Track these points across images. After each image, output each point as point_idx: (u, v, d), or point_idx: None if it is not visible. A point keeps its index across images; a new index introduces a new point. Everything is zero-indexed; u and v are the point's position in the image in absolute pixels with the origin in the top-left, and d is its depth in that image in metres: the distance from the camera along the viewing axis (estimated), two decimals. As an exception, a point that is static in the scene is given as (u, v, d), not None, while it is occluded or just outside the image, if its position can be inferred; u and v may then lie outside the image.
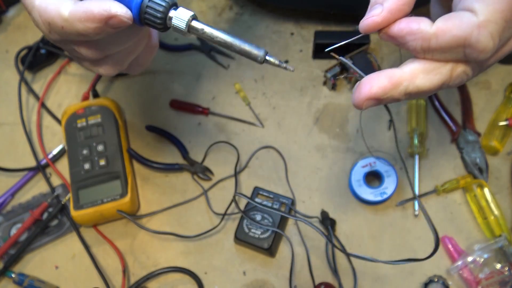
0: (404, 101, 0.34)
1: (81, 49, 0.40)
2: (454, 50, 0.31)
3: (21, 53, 0.75)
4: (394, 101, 0.34)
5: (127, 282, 0.62)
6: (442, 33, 0.31)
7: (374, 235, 0.62)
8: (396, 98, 0.33)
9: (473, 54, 0.31)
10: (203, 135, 0.70)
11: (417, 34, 0.31)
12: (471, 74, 0.33)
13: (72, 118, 0.67)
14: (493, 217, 0.60)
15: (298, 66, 0.73)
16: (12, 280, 0.62)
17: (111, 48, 0.40)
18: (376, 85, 0.33)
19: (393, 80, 0.32)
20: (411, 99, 0.34)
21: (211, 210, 0.65)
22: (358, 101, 0.34)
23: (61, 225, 0.66)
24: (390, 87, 0.32)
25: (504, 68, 0.70)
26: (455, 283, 0.59)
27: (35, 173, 0.69)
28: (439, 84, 0.33)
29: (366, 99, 0.33)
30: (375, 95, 0.33)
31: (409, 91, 0.32)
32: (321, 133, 0.69)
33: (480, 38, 0.30)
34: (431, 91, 0.33)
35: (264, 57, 0.37)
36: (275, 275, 0.62)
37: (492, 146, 0.64)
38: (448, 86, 0.33)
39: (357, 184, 0.63)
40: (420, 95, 0.34)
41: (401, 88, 0.32)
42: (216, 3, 0.79)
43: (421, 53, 0.32)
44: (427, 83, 0.32)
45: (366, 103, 0.33)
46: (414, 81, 0.32)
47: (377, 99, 0.33)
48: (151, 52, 0.48)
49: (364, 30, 0.34)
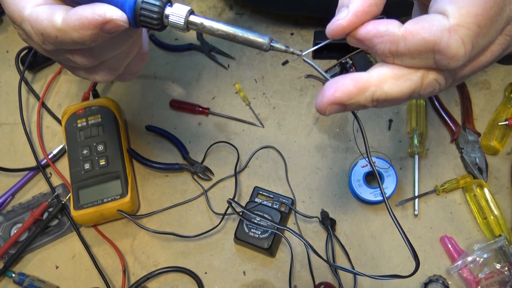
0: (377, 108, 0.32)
1: (76, 58, 0.38)
2: (423, 55, 0.29)
3: (22, 53, 0.75)
4: (361, 108, 0.31)
5: (127, 282, 0.62)
6: (411, 35, 0.28)
7: (374, 235, 0.63)
8: (362, 104, 0.30)
9: (443, 61, 0.28)
10: (203, 135, 0.70)
11: (384, 36, 0.29)
12: (443, 83, 0.31)
13: (72, 118, 0.67)
14: (493, 217, 0.60)
15: (298, 66, 0.73)
16: (12, 279, 0.62)
17: (106, 53, 0.39)
18: (341, 89, 0.30)
19: (359, 84, 0.30)
20: (379, 107, 0.31)
21: (211, 210, 0.65)
22: (321, 106, 0.31)
23: (61, 225, 0.66)
24: (356, 92, 0.30)
25: (504, 68, 0.70)
26: (455, 283, 0.59)
27: (35, 173, 0.69)
28: (409, 91, 0.30)
29: (329, 103, 0.30)
30: (339, 100, 0.30)
31: (376, 97, 0.30)
32: (321, 133, 0.69)
33: (451, 43, 0.28)
34: (400, 99, 0.30)
35: (270, 44, 0.35)
36: (275, 275, 0.62)
37: (492, 146, 0.64)
38: (419, 95, 0.31)
39: (357, 184, 0.63)
40: (388, 103, 0.31)
41: (367, 94, 0.30)
42: (216, 3, 0.79)
43: (390, 57, 0.30)
44: (396, 89, 0.30)
45: (329, 108, 0.31)
46: (382, 86, 0.30)
47: (341, 104, 0.30)
48: (142, 60, 0.46)
49: (331, 35, 0.32)
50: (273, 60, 0.74)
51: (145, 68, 0.75)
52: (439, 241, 0.62)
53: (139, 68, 0.47)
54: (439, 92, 0.32)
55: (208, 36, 0.76)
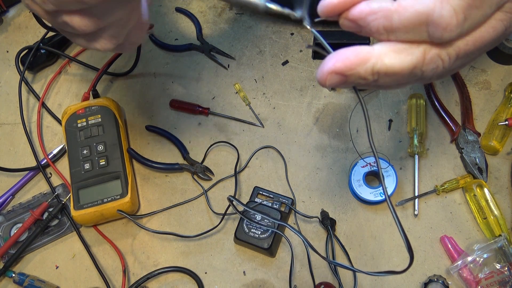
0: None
1: (75, 20, 0.38)
2: (417, 28, 0.29)
3: (22, 53, 0.75)
4: (362, 82, 0.31)
5: (127, 282, 0.62)
6: (404, 9, 0.29)
7: (374, 235, 0.63)
8: (362, 76, 0.30)
9: (436, 33, 0.29)
10: (203, 135, 0.70)
11: (378, 13, 0.29)
12: (447, 59, 0.30)
13: (72, 118, 0.67)
14: (493, 217, 0.60)
15: (298, 66, 0.73)
16: (13, 279, 0.62)
17: (106, 17, 0.39)
18: (341, 59, 0.30)
19: (360, 55, 0.30)
20: (381, 83, 0.32)
21: (211, 210, 0.65)
22: (321, 76, 0.31)
23: (61, 225, 0.66)
24: (357, 62, 0.30)
25: (504, 68, 0.70)
26: (454, 283, 0.59)
27: (35, 173, 0.69)
28: (411, 66, 0.30)
29: (329, 72, 0.30)
30: (339, 69, 0.30)
31: (377, 69, 0.30)
32: (321, 133, 0.69)
33: (443, 13, 0.28)
34: (402, 74, 0.30)
35: (265, 5, 0.33)
36: (275, 275, 0.62)
37: (492, 146, 0.64)
38: (421, 72, 0.30)
39: (357, 184, 0.63)
40: (390, 78, 0.31)
41: (368, 65, 0.30)
42: (216, 3, 0.79)
43: (385, 34, 0.30)
44: (396, 62, 0.30)
45: (329, 78, 0.31)
46: (383, 58, 0.30)
47: (341, 74, 0.30)
48: (142, 29, 0.46)
49: (322, 12, 0.32)
50: (273, 60, 0.74)
51: (145, 68, 0.75)
52: (439, 241, 0.62)
53: (139, 38, 0.47)
54: (444, 71, 0.31)
55: (208, 36, 0.76)
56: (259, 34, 0.76)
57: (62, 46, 0.77)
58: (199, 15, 0.78)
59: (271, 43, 0.75)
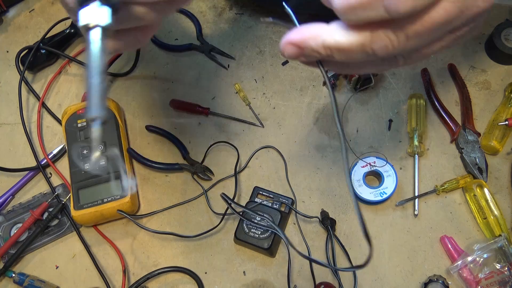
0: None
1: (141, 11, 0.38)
2: (373, 4, 0.30)
3: (22, 53, 0.75)
4: (316, 55, 0.34)
5: (127, 282, 0.62)
6: None
7: (374, 235, 0.63)
8: (315, 49, 0.33)
9: (392, 5, 0.30)
10: (203, 135, 0.70)
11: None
12: (395, 39, 0.32)
13: (72, 118, 0.67)
14: (493, 217, 0.60)
15: (298, 66, 0.73)
16: (13, 279, 0.62)
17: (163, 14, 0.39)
18: (298, 32, 0.34)
19: (313, 30, 0.34)
20: (337, 59, 0.34)
21: (211, 210, 0.65)
22: (281, 45, 0.35)
23: (62, 225, 0.66)
24: (309, 35, 0.33)
25: (504, 68, 0.70)
26: (454, 283, 0.59)
27: (35, 173, 0.69)
28: (359, 43, 0.32)
29: (287, 43, 0.34)
30: (294, 41, 0.34)
31: (327, 44, 0.33)
32: (321, 133, 0.69)
33: None
34: (351, 51, 0.33)
35: None
36: (275, 275, 0.62)
37: (492, 146, 0.64)
38: (372, 51, 0.33)
39: (357, 184, 0.63)
40: (344, 55, 0.33)
41: (319, 39, 0.33)
42: (216, 3, 0.79)
43: (344, 11, 0.32)
44: (345, 39, 0.32)
45: (287, 48, 0.34)
46: (333, 34, 0.33)
47: (297, 46, 0.34)
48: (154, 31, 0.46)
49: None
50: (273, 60, 0.74)
51: (145, 68, 0.75)
52: (439, 241, 0.62)
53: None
54: (396, 51, 0.33)
55: (208, 36, 0.76)
56: (259, 34, 0.76)
57: (62, 46, 0.77)
58: (199, 15, 0.78)
59: (271, 43, 0.75)
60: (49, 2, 0.82)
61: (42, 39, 0.75)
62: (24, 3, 0.83)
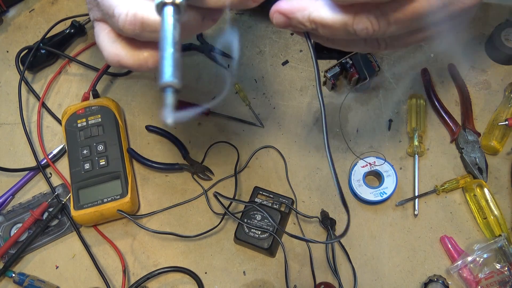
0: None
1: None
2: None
3: (22, 53, 0.75)
4: (302, 27, 0.36)
5: (127, 282, 0.62)
6: None
7: (374, 235, 0.63)
8: (301, 21, 0.36)
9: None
10: (203, 135, 0.70)
11: None
12: (376, 23, 0.34)
13: (72, 118, 0.67)
14: (493, 217, 0.60)
15: (298, 66, 0.73)
16: (13, 279, 0.62)
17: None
18: (288, 2, 0.36)
19: (301, 3, 0.36)
20: (323, 35, 0.37)
21: (211, 210, 0.65)
22: (270, 12, 0.37)
23: (61, 225, 0.66)
24: (297, 7, 0.36)
25: (504, 68, 0.70)
26: (454, 283, 0.59)
27: (35, 173, 0.69)
28: (342, 22, 0.34)
29: (275, 11, 0.37)
30: (283, 10, 0.36)
31: (312, 18, 0.35)
32: (321, 133, 0.68)
33: None
34: (334, 28, 0.35)
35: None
36: (275, 275, 0.62)
37: (492, 146, 0.64)
38: (354, 31, 0.34)
39: (357, 184, 0.63)
40: (328, 31, 0.35)
41: (305, 13, 0.35)
42: (216, 3, 0.79)
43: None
44: (329, 16, 0.34)
45: (276, 16, 0.37)
46: (319, 10, 0.35)
47: (284, 15, 0.36)
48: None
49: None
50: (273, 60, 0.74)
51: (145, 68, 0.75)
52: (439, 241, 0.62)
53: None
54: (376, 34, 0.35)
55: (208, 36, 0.76)
56: (259, 34, 0.76)
57: (62, 46, 0.77)
58: (199, 15, 0.78)
59: (271, 43, 0.75)
60: (49, 2, 0.82)
61: (42, 39, 0.75)
62: (24, 3, 0.83)
